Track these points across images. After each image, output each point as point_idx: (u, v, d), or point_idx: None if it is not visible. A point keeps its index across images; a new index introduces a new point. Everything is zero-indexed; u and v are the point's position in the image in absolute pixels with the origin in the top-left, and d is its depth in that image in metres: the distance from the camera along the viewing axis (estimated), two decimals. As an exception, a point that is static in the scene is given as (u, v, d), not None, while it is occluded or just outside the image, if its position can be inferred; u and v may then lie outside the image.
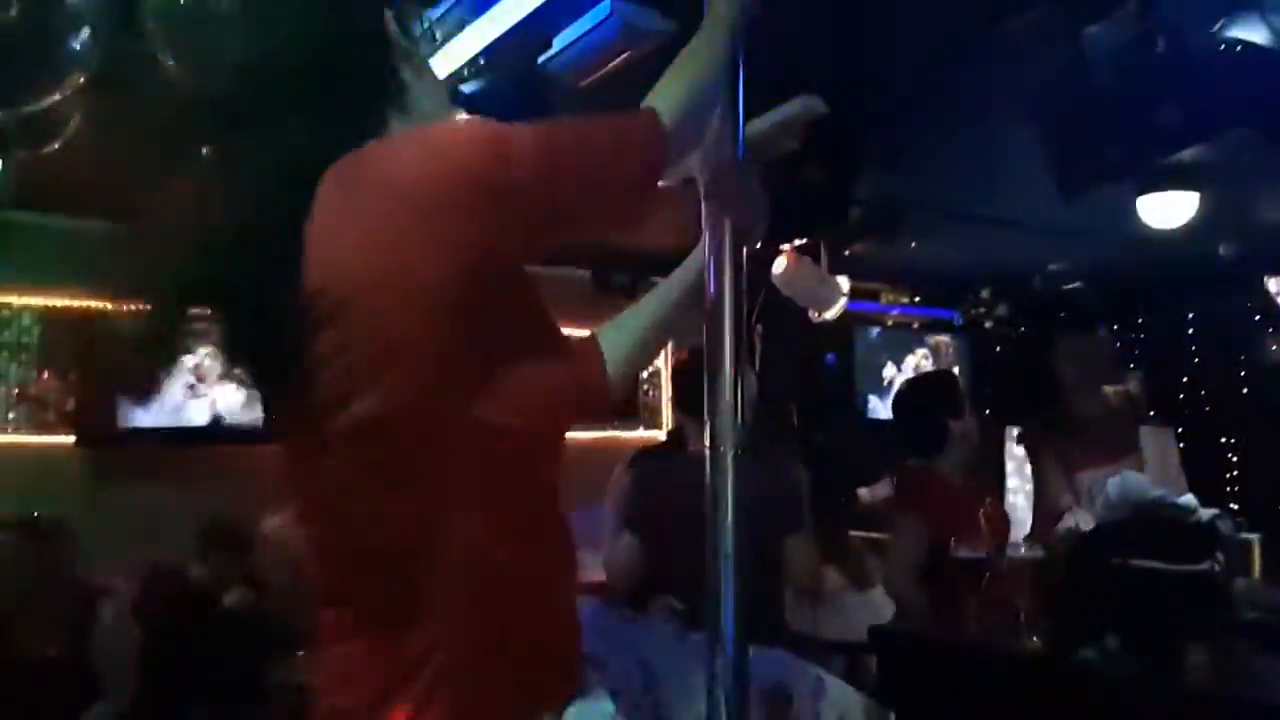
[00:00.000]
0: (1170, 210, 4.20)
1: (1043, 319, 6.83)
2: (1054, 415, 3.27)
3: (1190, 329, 6.39)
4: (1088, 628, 2.32)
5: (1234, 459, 5.70)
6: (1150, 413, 3.65)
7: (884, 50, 3.03)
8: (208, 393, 4.66)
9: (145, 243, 1.06)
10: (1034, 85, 3.09)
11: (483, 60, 2.74)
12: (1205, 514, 2.40)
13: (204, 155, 1.07)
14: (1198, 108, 2.70)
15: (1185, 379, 5.99)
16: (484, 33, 2.67)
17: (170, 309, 1.01)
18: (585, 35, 2.52)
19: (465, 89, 2.77)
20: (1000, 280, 6.65)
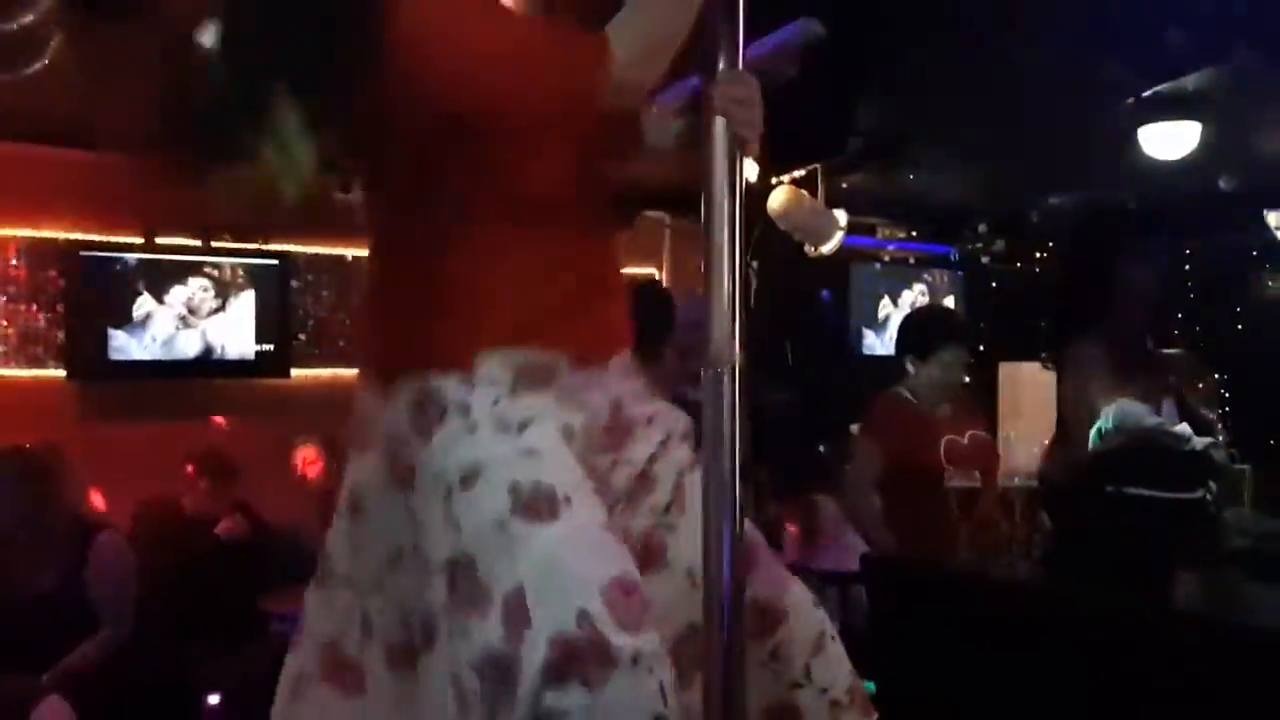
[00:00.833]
0: (1172, 141, 4.15)
1: (1040, 253, 6.79)
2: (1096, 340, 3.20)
3: (1187, 264, 6.36)
4: (1079, 554, 2.34)
5: (1226, 394, 5.72)
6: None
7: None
8: (199, 324, 4.62)
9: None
10: (1034, 10, 3.03)
11: None
12: (1199, 442, 2.40)
13: None
14: (1202, 30, 2.65)
15: (1180, 314, 5.98)
16: None
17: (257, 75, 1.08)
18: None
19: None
20: (998, 215, 6.59)
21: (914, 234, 6.92)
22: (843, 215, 5.23)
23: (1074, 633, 2.21)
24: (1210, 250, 6.29)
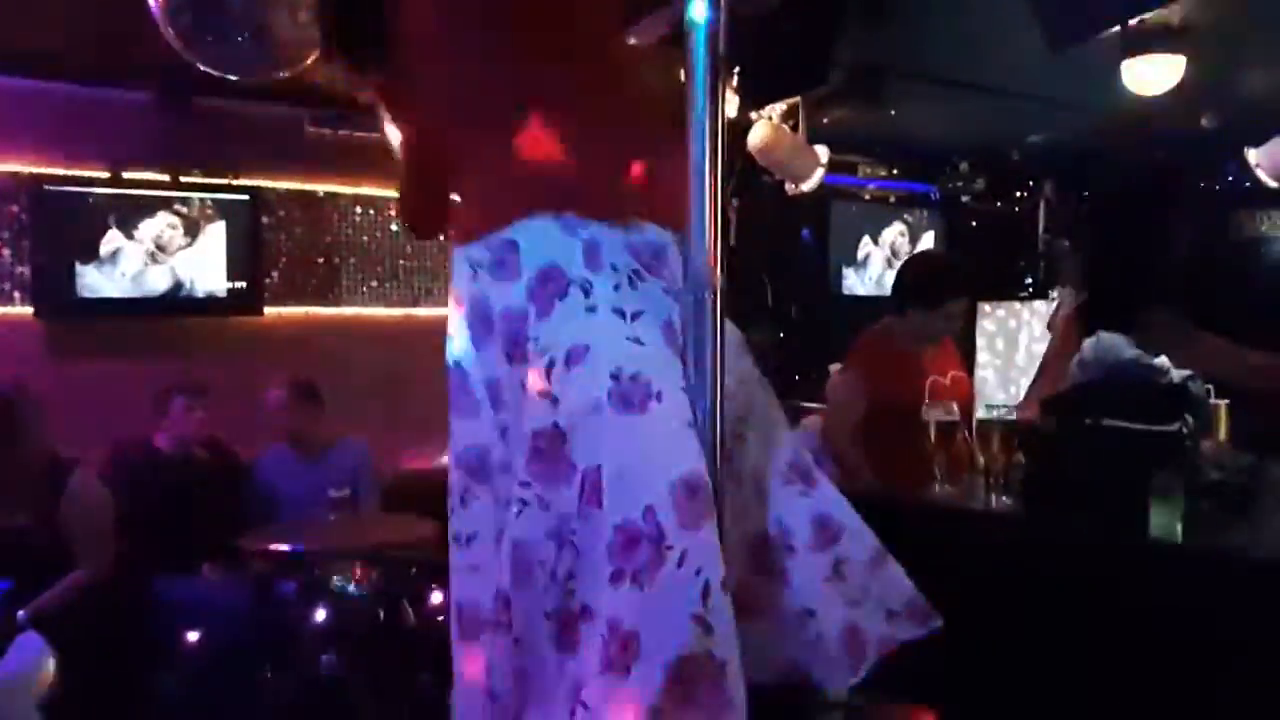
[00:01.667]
0: (1155, 75, 4.09)
1: (1021, 193, 6.77)
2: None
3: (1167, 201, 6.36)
4: (1057, 486, 2.35)
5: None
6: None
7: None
8: (167, 261, 4.53)
9: None
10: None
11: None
12: (1177, 375, 2.41)
13: None
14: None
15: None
16: None
17: None
18: None
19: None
20: (978, 152, 6.55)
21: (895, 172, 6.87)
22: (824, 152, 5.18)
23: (1051, 563, 2.23)
24: (1191, 188, 6.29)
